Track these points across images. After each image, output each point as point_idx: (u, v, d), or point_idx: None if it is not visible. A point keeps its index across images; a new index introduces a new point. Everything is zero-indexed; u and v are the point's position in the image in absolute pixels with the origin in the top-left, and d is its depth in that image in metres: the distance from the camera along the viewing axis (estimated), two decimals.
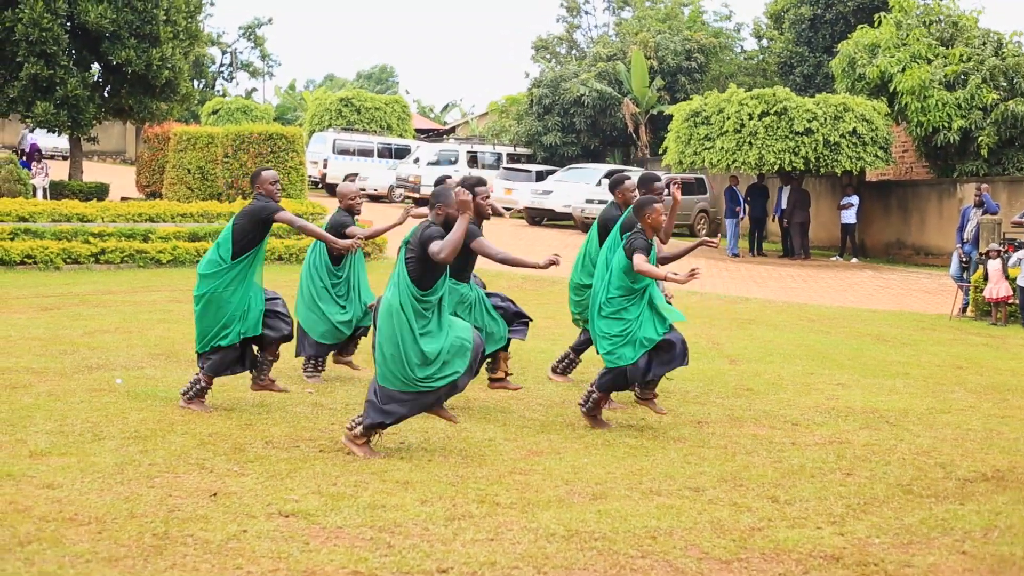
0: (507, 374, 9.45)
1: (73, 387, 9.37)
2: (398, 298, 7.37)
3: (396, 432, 8.20)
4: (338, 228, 10.00)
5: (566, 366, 10.58)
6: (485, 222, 9.24)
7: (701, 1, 46.71)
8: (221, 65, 65.90)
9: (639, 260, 8.13)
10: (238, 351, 8.84)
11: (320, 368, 10.29)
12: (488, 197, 9.18)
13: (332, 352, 10.47)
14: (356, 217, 10.33)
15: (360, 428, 7.49)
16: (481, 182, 9.19)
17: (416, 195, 35.56)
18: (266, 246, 8.95)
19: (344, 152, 39.40)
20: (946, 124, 26.05)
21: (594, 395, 8.62)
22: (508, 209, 26.89)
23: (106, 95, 30.33)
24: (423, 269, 7.38)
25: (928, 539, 6.08)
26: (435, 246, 7.29)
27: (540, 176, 34.06)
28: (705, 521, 6.23)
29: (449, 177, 9.77)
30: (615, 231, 8.99)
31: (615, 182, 9.83)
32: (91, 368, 10.30)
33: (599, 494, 6.71)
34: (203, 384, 8.79)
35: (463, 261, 8.81)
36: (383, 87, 71.91)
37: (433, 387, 7.45)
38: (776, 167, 25.92)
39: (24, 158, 33.91)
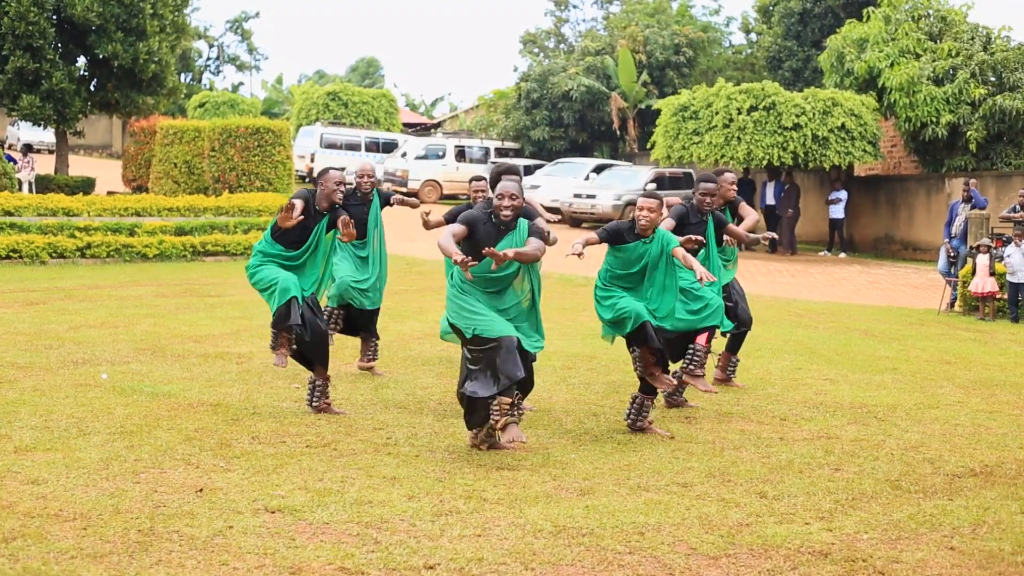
0: None
1: (58, 382, 9.32)
2: None
3: (383, 428, 8.17)
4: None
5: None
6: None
7: None
8: (208, 59, 65.65)
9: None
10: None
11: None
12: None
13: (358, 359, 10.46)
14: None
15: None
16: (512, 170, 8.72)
17: (404, 189, 35.46)
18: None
19: (331, 146, 39.28)
20: (934, 119, 26.08)
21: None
22: None
23: (92, 89, 30.23)
24: None
25: (916, 535, 6.08)
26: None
27: (528, 170, 34.03)
28: (693, 517, 6.22)
29: (483, 178, 9.55)
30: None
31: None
32: (76, 363, 10.25)
33: (586, 490, 6.70)
34: None
35: None
36: (370, 81, 71.69)
37: None
38: (765, 162, 25.93)
39: None
